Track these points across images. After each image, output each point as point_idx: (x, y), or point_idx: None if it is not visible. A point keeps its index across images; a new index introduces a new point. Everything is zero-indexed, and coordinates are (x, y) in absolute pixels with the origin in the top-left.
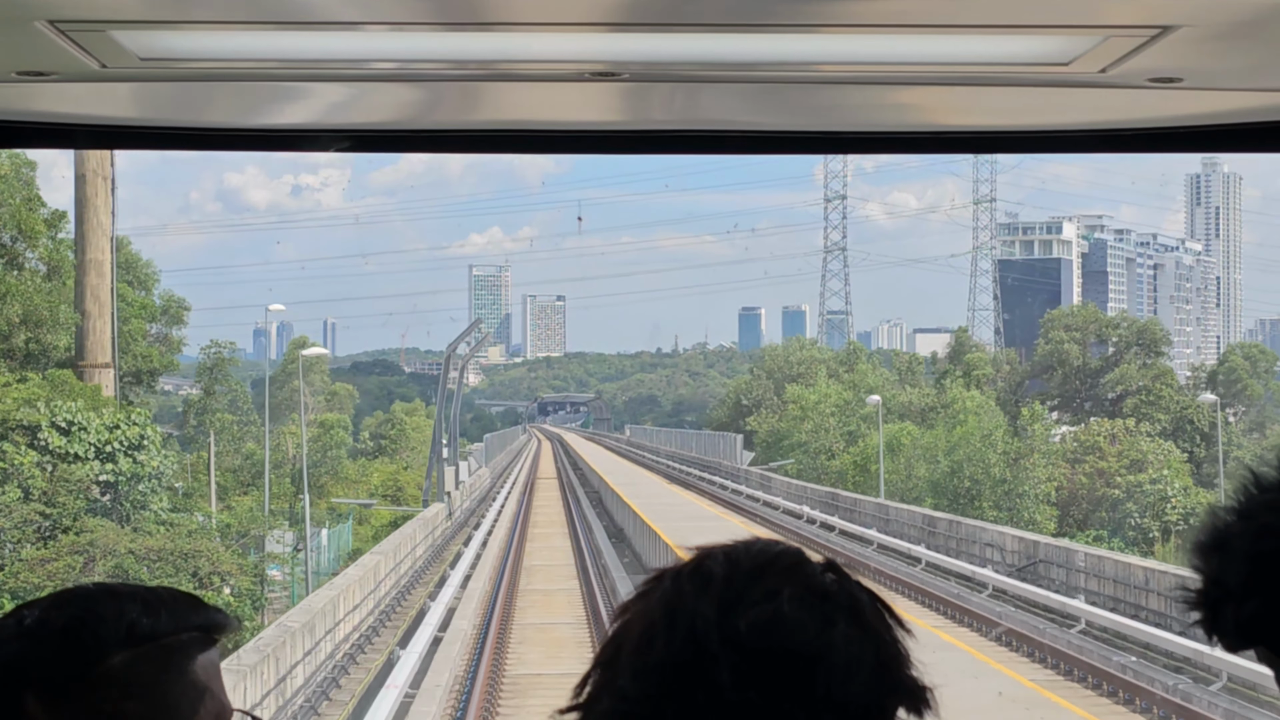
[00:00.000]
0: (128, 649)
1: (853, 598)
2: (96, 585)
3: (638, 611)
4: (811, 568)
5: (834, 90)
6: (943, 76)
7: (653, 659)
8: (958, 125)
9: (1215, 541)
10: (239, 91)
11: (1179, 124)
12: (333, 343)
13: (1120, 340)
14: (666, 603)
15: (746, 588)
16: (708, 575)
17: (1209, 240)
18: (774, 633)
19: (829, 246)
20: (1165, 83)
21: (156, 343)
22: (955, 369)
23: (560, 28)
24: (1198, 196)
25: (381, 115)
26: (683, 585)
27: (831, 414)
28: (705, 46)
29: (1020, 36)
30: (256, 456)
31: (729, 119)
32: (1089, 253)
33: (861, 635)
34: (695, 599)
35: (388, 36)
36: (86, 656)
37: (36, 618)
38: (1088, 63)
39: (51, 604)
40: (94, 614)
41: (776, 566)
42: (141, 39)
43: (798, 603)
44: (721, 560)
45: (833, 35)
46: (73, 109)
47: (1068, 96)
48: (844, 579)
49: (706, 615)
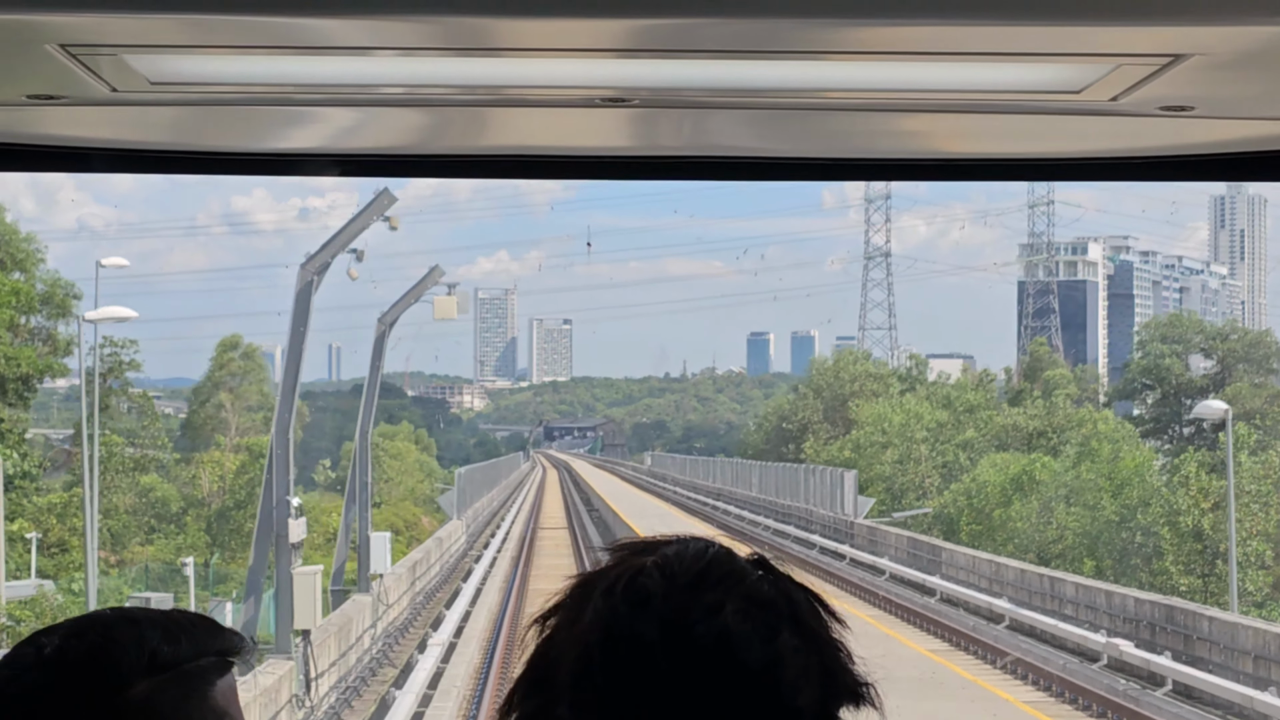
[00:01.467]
0: (149, 678)
1: (791, 601)
2: (114, 611)
3: (569, 633)
4: (748, 572)
5: (843, 117)
6: (953, 104)
7: (590, 685)
8: (967, 152)
9: None
10: (248, 116)
11: (1190, 152)
12: (337, 367)
13: (1228, 354)
14: (603, 625)
15: (687, 604)
16: (644, 593)
17: (1233, 263)
18: (722, 651)
19: (870, 252)
20: (1177, 111)
21: (34, 340)
22: (1032, 388)
23: (569, 54)
24: (1221, 219)
25: (391, 139)
26: (617, 604)
27: (923, 440)
28: (715, 73)
29: (1031, 64)
30: (158, 493)
31: (738, 145)
32: (1114, 275)
33: (806, 644)
34: (633, 620)
35: (397, 62)
36: (108, 686)
37: (56, 646)
38: (1099, 91)
39: (70, 632)
40: (114, 642)
41: (712, 576)
42: (153, 63)
43: (742, 616)
44: (656, 574)
45: (842, 63)
46: (82, 132)
47: (1078, 124)
48: (778, 579)
49: (650, 638)
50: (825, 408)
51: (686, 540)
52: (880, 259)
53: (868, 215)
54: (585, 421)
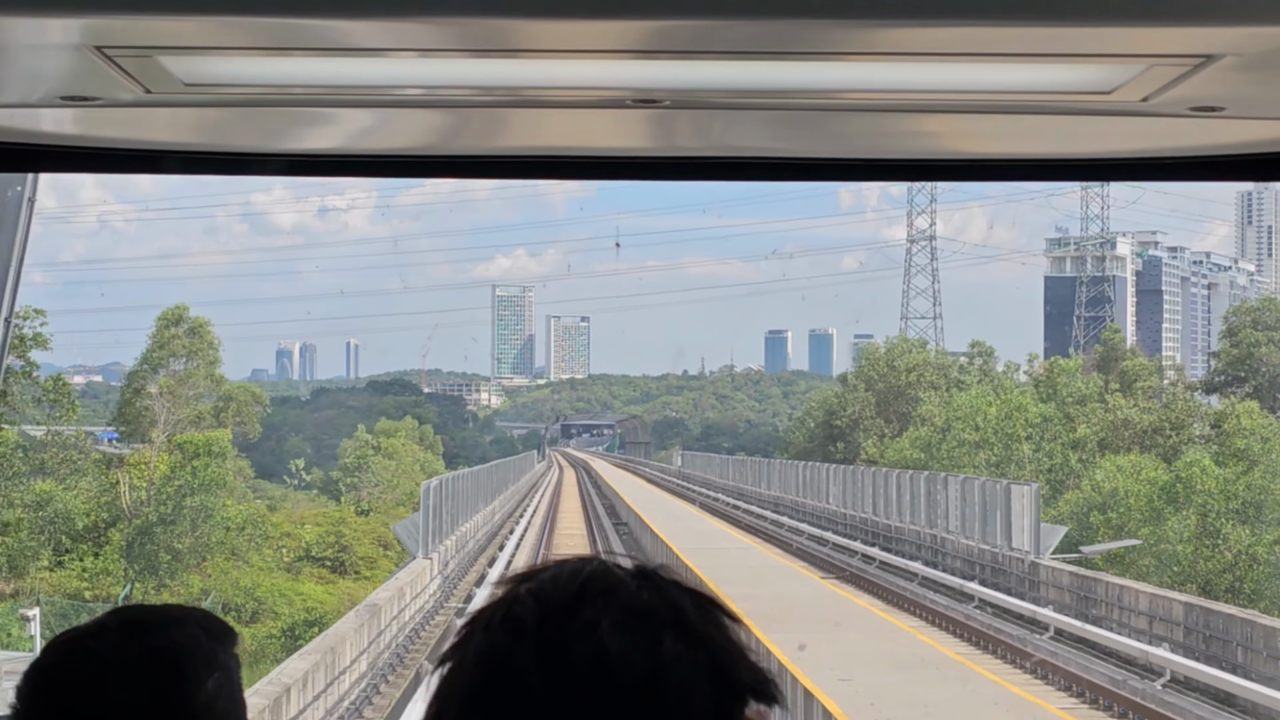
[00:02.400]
0: (212, 677)
1: (675, 608)
2: (145, 610)
3: (458, 673)
4: (626, 585)
5: (871, 118)
6: (984, 104)
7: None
8: (997, 153)
9: None
10: (274, 117)
11: (1220, 153)
12: (355, 364)
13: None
14: (482, 660)
15: (562, 626)
16: (519, 622)
17: (1260, 260)
18: (600, 670)
19: (914, 236)
20: (1207, 111)
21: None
22: (1109, 379)
23: (589, 55)
24: (1249, 215)
25: (414, 140)
26: (495, 637)
27: (1025, 438)
28: (740, 74)
29: (1062, 65)
30: (56, 505)
31: (764, 146)
32: (1143, 271)
33: (692, 648)
34: (511, 651)
35: (419, 64)
36: (184, 688)
37: (116, 646)
38: (1129, 91)
39: (123, 631)
40: (179, 644)
41: (589, 594)
42: (186, 65)
43: (618, 631)
44: (530, 602)
45: (870, 64)
46: (113, 133)
47: (1109, 125)
48: (660, 587)
49: (526, 668)
50: (878, 401)
51: (565, 562)
52: (924, 243)
53: (910, 195)
54: (604, 419)
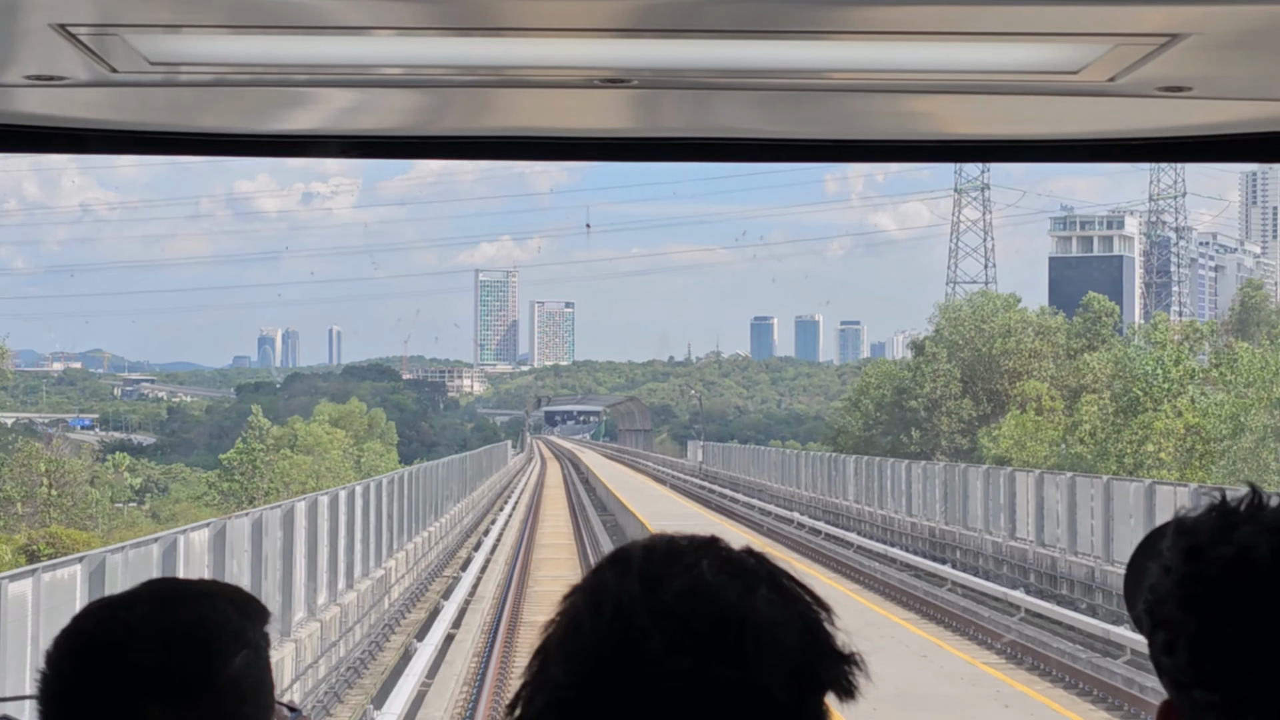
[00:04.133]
0: (240, 653)
1: (771, 571)
2: (178, 584)
3: (560, 613)
4: (728, 546)
5: (844, 98)
6: (952, 84)
7: (581, 643)
8: (967, 134)
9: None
10: (247, 97)
11: (1188, 133)
12: (338, 351)
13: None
14: (589, 590)
15: (666, 565)
16: (626, 560)
17: (1265, 241)
18: (699, 599)
19: (961, 184)
20: (1174, 92)
21: None
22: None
23: (569, 34)
24: (1254, 196)
25: (391, 121)
26: (603, 574)
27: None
28: (715, 54)
29: (1030, 44)
30: None
31: (740, 127)
32: (1150, 250)
33: (784, 600)
34: (618, 581)
35: (396, 42)
36: (211, 662)
37: (144, 619)
38: (1097, 71)
39: (154, 604)
40: (208, 618)
41: (693, 545)
42: (152, 43)
43: (718, 570)
44: (639, 548)
45: (843, 43)
46: (83, 113)
47: (1077, 105)
48: (761, 559)
49: (631, 591)
50: (966, 374)
51: (674, 533)
52: (976, 193)
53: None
54: (590, 403)
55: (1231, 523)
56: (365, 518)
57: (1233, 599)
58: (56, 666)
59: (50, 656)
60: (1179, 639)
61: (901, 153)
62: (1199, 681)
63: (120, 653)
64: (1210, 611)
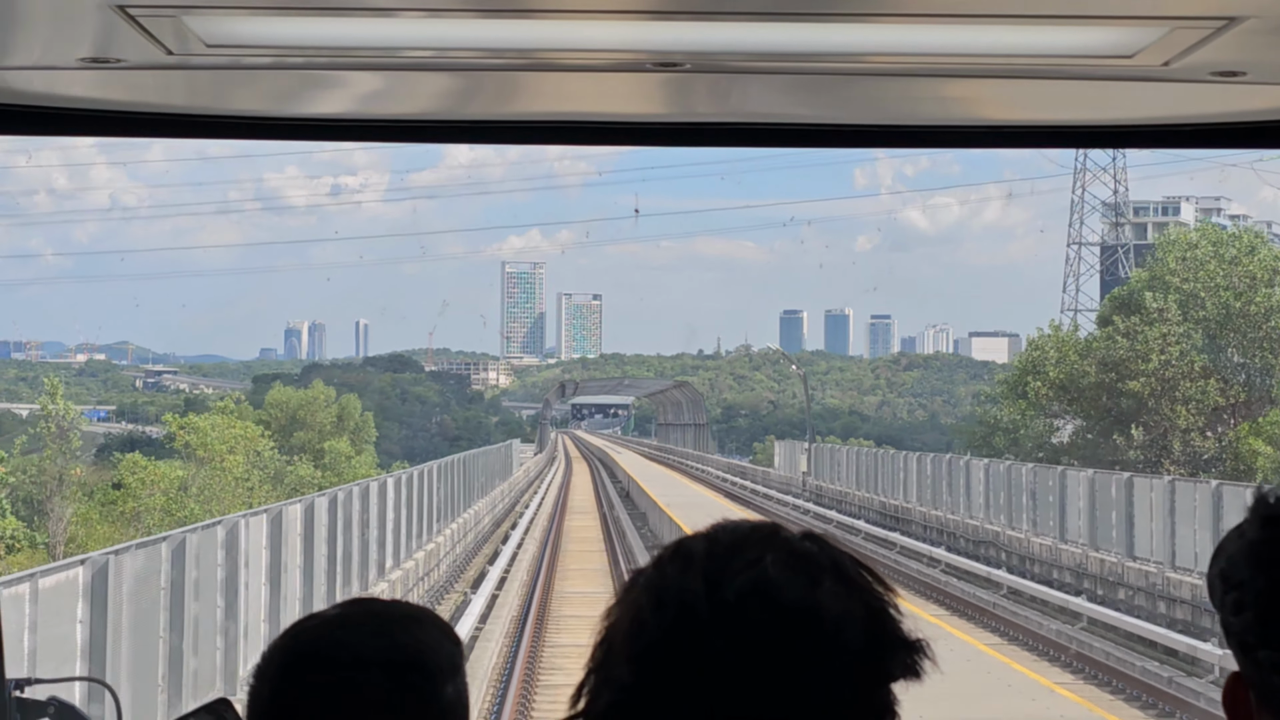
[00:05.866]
0: (451, 683)
1: (834, 559)
2: (388, 605)
3: (622, 607)
4: (790, 535)
5: (889, 82)
6: (1003, 69)
7: (645, 641)
8: (1015, 119)
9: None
10: (295, 79)
11: (1241, 119)
12: (365, 343)
13: None
14: (651, 587)
15: (729, 560)
16: (688, 554)
17: None
18: (763, 595)
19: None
20: (1228, 76)
21: None
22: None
23: (609, 16)
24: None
25: (425, 105)
26: (665, 569)
27: None
28: (758, 37)
29: (1083, 28)
30: None
31: (782, 112)
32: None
33: (848, 591)
34: (680, 578)
35: (435, 23)
36: (429, 689)
37: (367, 640)
38: (1151, 55)
39: (372, 626)
40: (426, 644)
41: (755, 537)
42: (208, 25)
43: (782, 565)
44: (701, 540)
45: (889, 25)
46: (129, 96)
47: (1130, 90)
48: (823, 545)
49: (694, 589)
50: (1208, 342)
51: (733, 520)
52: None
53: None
54: (622, 394)
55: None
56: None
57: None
58: (275, 684)
59: (264, 673)
60: (1248, 597)
61: (947, 138)
62: (1264, 640)
63: (346, 676)
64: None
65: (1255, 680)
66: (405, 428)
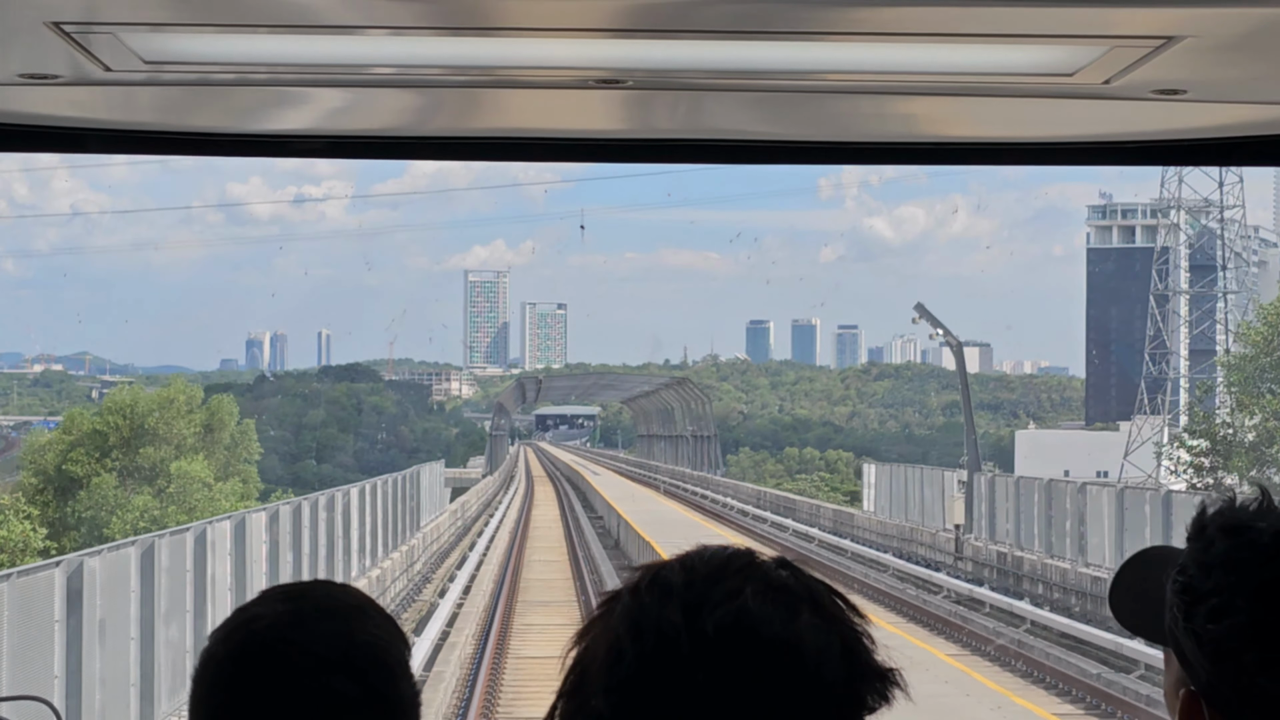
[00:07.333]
0: (406, 679)
1: (810, 590)
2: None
3: (598, 633)
4: (766, 564)
5: (838, 100)
6: (946, 86)
7: (622, 673)
8: (961, 136)
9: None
10: (241, 96)
11: (1182, 136)
12: (328, 353)
13: None
14: (629, 617)
15: (708, 591)
16: (666, 584)
17: None
18: (742, 628)
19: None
20: (1169, 94)
21: None
22: None
23: (563, 34)
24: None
25: (384, 121)
26: (643, 598)
27: None
28: (710, 54)
29: (1025, 46)
30: None
31: (734, 128)
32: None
33: (825, 624)
34: (659, 609)
35: (389, 41)
36: (392, 687)
37: (324, 639)
38: (1092, 74)
39: (321, 619)
40: (381, 639)
41: (732, 566)
42: (147, 41)
43: (761, 597)
44: (678, 569)
45: (837, 44)
46: (76, 113)
47: (1071, 108)
48: (798, 574)
49: (673, 621)
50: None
51: (707, 545)
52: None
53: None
54: (589, 403)
55: (1267, 505)
56: None
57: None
58: (227, 692)
59: (216, 682)
60: (1236, 601)
61: (895, 155)
62: (1255, 642)
63: (304, 680)
64: (1269, 571)
65: (1232, 687)
66: (361, 439)
